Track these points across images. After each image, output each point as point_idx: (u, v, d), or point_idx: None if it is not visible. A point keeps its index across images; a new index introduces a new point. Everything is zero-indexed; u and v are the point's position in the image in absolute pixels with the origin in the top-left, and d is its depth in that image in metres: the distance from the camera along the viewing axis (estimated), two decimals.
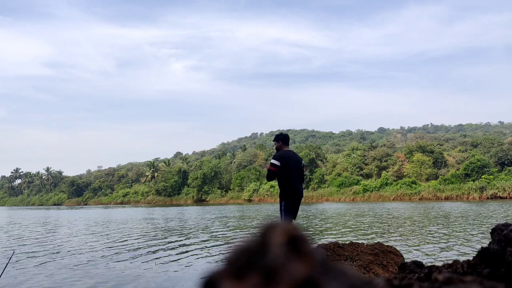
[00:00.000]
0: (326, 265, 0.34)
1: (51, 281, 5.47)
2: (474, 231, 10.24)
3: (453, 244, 8.07)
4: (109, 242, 9.94)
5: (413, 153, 54.41)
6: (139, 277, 5.59)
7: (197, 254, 7.64)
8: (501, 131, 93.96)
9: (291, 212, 4.98)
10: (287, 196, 4.98)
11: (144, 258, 7.19)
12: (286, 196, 4.98)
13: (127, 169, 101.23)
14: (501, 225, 0.88)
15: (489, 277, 0.76)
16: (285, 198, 4.98)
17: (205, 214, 23.71)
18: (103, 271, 6.03)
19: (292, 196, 4.98)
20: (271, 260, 0.33)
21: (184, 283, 5.19)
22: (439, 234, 9.81)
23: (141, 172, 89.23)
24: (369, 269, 3.91)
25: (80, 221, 19.78)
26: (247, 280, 0.32)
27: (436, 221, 13.97)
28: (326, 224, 14.00)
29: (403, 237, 9.48)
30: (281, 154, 5.06)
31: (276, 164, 4.94)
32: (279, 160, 4.98)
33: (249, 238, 0.36)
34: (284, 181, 4.99)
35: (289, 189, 4.97)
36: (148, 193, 75.39)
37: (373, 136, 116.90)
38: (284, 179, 4.98)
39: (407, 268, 1.08)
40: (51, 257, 7.62)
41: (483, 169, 44.96)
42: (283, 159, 4.99)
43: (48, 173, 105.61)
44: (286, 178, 4.98)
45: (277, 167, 4.94)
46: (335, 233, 10.78)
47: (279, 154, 5.05)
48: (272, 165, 4.97)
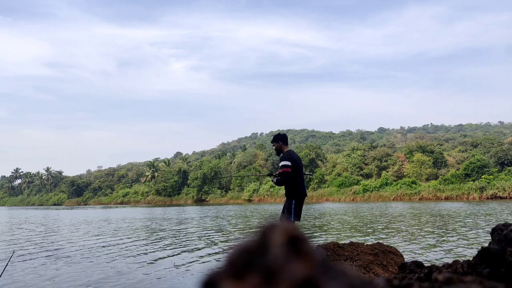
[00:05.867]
0: (326, 265, 0.34)
1: (51, 281, 5.47)
2: (474, 231, 10.24)
3: (453, 244, 8.07)
4: (109, 242, 9.93)
5: (413, 153, 54.42)
6: (139, 277, 5.59)
7: (197, 254, 7.63)
8: (501, 131, 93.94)
9: (299, 211, 5.04)
10: (297, 195, 5.03)
11: (144, 258, 7.19)
12: (296, 195, 5.03)
13: (127, 169, 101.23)
14: (501, 225, 0.88)
15: (489, 277, 0.76)
16: (295, 196, 5.02)
17: (205, 214, 23.70)
18: (103, 271, 6.02)
19: (301, 195, 5.06)
20: (271, 260, 0.33)
21: (184, 283, 5.18)
22: (439, 234, 9.80)
23: (141, 172, 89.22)
24: (369, 269, 3.91)
25: (80, 221, 19.77)
26: (247, 280, 0.32)
27: (436, 221, 13.97)
28: (326, 224, 13.99)
29: (403, 237, 9.48)
30: (288, 154, 5.09)
31: (289, 165, 4.97)
32: (289, 160, 5.01)
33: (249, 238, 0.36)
34: (296, 180, 5.04)
35: (299, 188, 5.04)
36: (148, 193, 75.40)
37: (373, 136, 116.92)
38: (294, 178, 5.02)
39: (407, 268, 1.08)
40: (51, 257, 7.61)
41: (483, 169, 44.95)
42: (292, 159, 5.03)
43: (48, 173, 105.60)
44: (296, 177, 5.03)
45: (290, 167, 4.97)
46: (335, 233, 10.77)
47: (287, 155, 5.07)
48: (285, 167, 4.97)
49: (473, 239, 8.68)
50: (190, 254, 7.59)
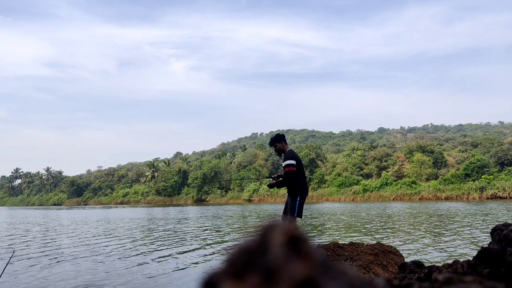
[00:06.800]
0: (326, 265, 0.34)
1: (51, 281, 5.47)
2: (474, 231, 10.24)
3: (453, 244, 8.07)
4: (109, 242, 9.93)
5: (413, 153, 54.42)
6: (139, 277, 5.59)
7: (197, 254, 7.64)
8: (501, 131, 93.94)
9: (302, 209, 5.17)
10: (302, 193, 5.14)
11: (144, 258, 7.19)
12: (301, 193, 5.13)
13: (127, 169, 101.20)
14: (501, 225, 0.88)
15: (489, 277, 0.76)
16: (301, 194, 5.13)
17: (205, 214, 23.70)
18: (103, 271, 6.02)
19: (305, 193, 5.19)
20: (271, 260, 0.33)
21: (184, 283, 5.18)
22: (439, 234, 9.80)
23: (141, 172, 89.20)
24: (369, 269, 3.91)
25: (80, 221, 19.77)
26: (247, 280, 0.32)
27: (436, 221, 13.97)
28: (326, 224, 13.99)
29: (403, 237, 9.48)
30: (292, 153, 5.18)
31: (294, 164, 5.07)
32: (293, 159, 5.10)
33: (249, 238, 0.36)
34: (299, 179, 5.14)
35: (303, 186, 5.17)
36: (148, 193, 75.38)
37: (373, 136, 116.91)
38: (299, 176, 5.14)
39: (407, 268, 1.08)
40: (51, 257, 7.61)
41: (483, 169, 44.94)
42: (296, 158, 5.13)
43: (48, 173, 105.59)
44: (300, 175, 5.16)
45: (294, 166, 5.06)
46: (335, 233, 10.77)
47: (291, 154, 5.16)
48: (290, 166, 5.06)
49: (473, 239, 8.68)
50: (190, 254, 7.58)
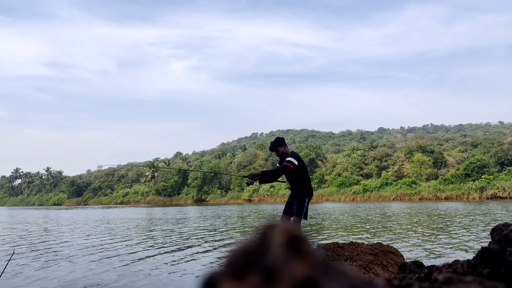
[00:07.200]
0: (326, 265, 0.34)
1: (51, 281, 5.47)
2: (474, 231, 10.24)
3: (453, 244, 8.07)
4: (109, 242, 9.93)
5: (413, 153, 54.42)
6: (139, 276, 5.59)
7: (197, 254, 7.64)
8: (501, 131, 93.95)
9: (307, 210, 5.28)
10: (310, 194, 5.25)
11: (144, 258, 7.19)
12: (309, 194, 5.23)
13: (127, 169, 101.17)
14: (501, 225, 0.88)
15: (489, 277, 0.76)
16: (308, 195, 5.23)
17: (205, 214, 23.70)
18: (102, 271, 6.02)
19: (311, 194, 5.29)
20: (271, 260, 0.33)
21: (184, 283, 5.19)
22: (439, 234, 9.80)
23: (141, 172, 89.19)
24: (369, 269, 3.91)
25: (80, 221, 19.77)
26: (247, 280, 0.32)
27: (436, 221, 13.97)
28: (326, 224, 13.99)
29: (403, 237, 9.48)
30: (296, 155, 5.23)
31: (296, 164, 5.08)
32: (297, 160, 5.14)
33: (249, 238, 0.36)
34: (306, 180, 5.25)
35: (310, 187, 5.28)
36: (148, 193, 75.39)
37: (373, 136, 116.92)
38: (305, 177, 5.26)
39: (407, 268, 1.08)
40: (51, 257, 7.61)
41: (483, 169, 44.94)
42: (300, 160, 5.19)
43: (48, 173, 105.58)
44: (307, 177, 5.28)
45: (295, 166, 5.07)
46: (335, 233, 10.77)
47: (295, 155, 5.21)
48: (291, 163, 5.06)
49: (473, 239, 8.68)
50: (190, 254, 7.58)
